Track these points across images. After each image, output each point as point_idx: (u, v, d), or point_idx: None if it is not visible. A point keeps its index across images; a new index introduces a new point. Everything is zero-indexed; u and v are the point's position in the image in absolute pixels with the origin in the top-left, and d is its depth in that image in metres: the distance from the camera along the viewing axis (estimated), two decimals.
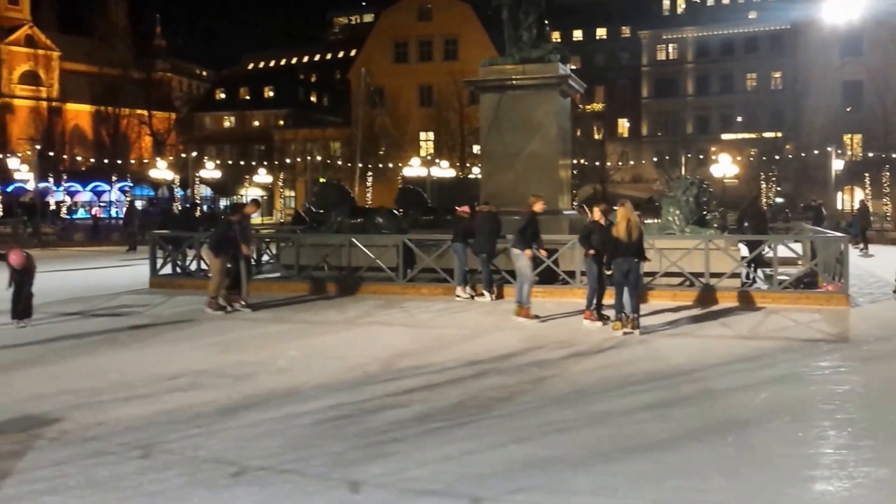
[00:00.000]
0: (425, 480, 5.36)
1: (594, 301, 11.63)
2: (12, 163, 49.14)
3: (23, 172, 51.11)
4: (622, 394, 7.73)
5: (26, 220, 37.19)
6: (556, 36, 41.58)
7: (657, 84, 72.51)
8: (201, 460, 5.82)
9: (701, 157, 62.51)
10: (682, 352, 9.80)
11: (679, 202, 15.65)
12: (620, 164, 68.03)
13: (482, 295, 14.30)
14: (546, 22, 18.15)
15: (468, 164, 58.20)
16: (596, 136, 69.46)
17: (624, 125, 74.10)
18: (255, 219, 65.53)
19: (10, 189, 57.92)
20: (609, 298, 11.49)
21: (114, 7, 74.86)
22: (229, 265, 13.50)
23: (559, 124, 17.47)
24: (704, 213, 15.88)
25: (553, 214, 16.86)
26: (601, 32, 75.46)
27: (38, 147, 50.03)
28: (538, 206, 12.80)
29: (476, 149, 55.38)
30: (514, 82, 17.24)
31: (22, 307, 11.77)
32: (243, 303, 13.58)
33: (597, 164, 62.74)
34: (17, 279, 11.72)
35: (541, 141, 17.11)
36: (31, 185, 51.93)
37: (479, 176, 20.05)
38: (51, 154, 59.49)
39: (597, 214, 11.92)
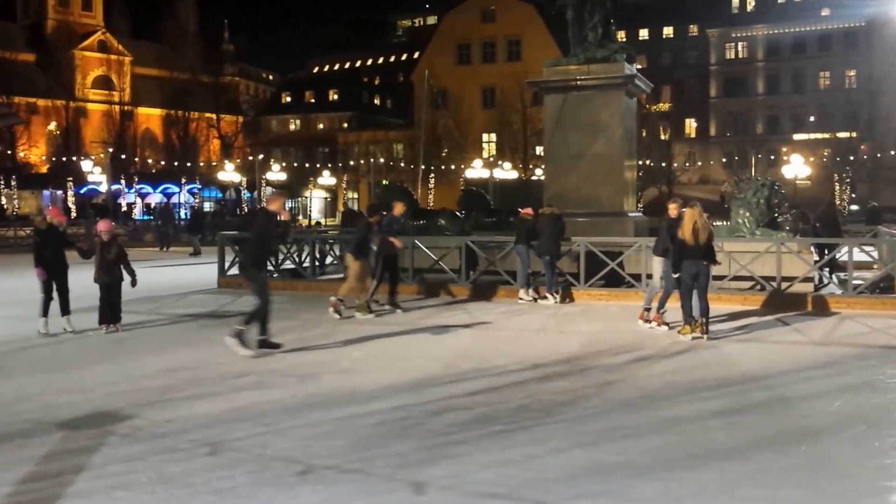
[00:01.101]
0: (489, 483, 5.33)
1: (664, 304, 11.41)
2: (86, 165, 50.78)
3: (96, 175, 52.76)
4: (690, 400, 7.56)
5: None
6: (621, 35, 41.02)
7: (726, 83, 71.14)
8: (268, 458, 5.89)
9: (772, 157, 61.09)
10: (752, 358, 9.56)
11: (749, 204, 15.30)
12: (688, 165, 66.91)
13: (545, 298, 14.19)
14: (612, 21, 17.95)
15: (531, 166, 57.97)
16: (662, 137, 68.46)
17: (691, 125, 72.88)
18: (319, 220, 66.95)
19: (83, 191, 59.82)
20: (673, 303, 11.27)
21: (184, 13, 76.70)
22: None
23: (625, 125, 17.25)
24: (776, 215, 15.49)
25: (618, 216, 16.67)
26: (668, 31, 74.35)
27: (110, 150, 51.56)
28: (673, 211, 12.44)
29: (539, 150, 55.09)
30: (578, 82, 17.09)
31: (113, 311, 11.60)
32: (391, 304, 13.41)
33: (663, 165, 61.84)
34: (105, 282, 11.49)
35: (606, 142, 16.92)
36: (103, 187, 53.61)
37: (543, 177, 19.90)
38: (122, 157, 61.31)
39: (673, 211, 11.52)
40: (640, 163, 37.48)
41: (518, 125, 60.03)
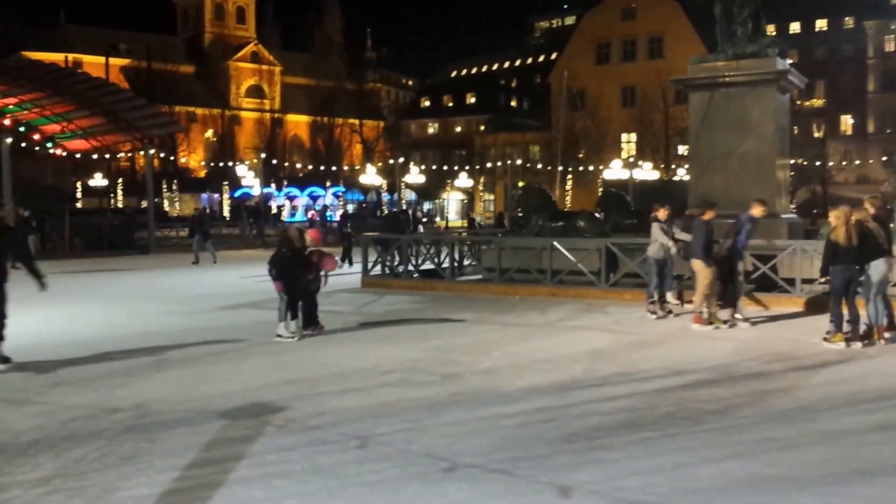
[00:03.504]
0: (636, 491, 5.21)
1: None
2: (240, 170, 53.49)
3: (249, 178, 55.53)
4: (851, 412, 7.14)
5: (252, 223, 40.22)
6: (771, 29, 39.20)
7: (885, 77, 66.71)
8: (414, 454, 6.00)
9: None
10: None
11: None
12: (844, 163, 63.22)
13: (692, 301, 13.73)
14: (761, 15, 17.23)
15: (673, 166, 56.40)
16: (816, 135, 64.95)
17: (847, 122, 68.80)
18: (455, 221, 67.80)
19: (237, 194, 63.00)
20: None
21: (330, 24, 79.58)
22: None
23: (776, 122, 16.51)
24: None
25: (770, 218, 15.96)
26: (821, 24, 70.55)
27: (262, 155, 54.06)
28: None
29: (682, 150, 53.56)
30: (727, 79, 16.48)
31: (311, 314, 11.57)
32: (738, 315, 12.10)
33: (817, 164, 58.65)
34: (315, 287, 11.55)
35: (756, 140, 16.24)
36: (255, 191, 56.30)
37: (687, 178, 19.32)
38: (273, 161, 64.19)
39: (863, 213, 10.61)
40: (793, 162, 35.70)
41: (659, 124, 58.56)
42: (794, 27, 68.99)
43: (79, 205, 45.24)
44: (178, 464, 5.80)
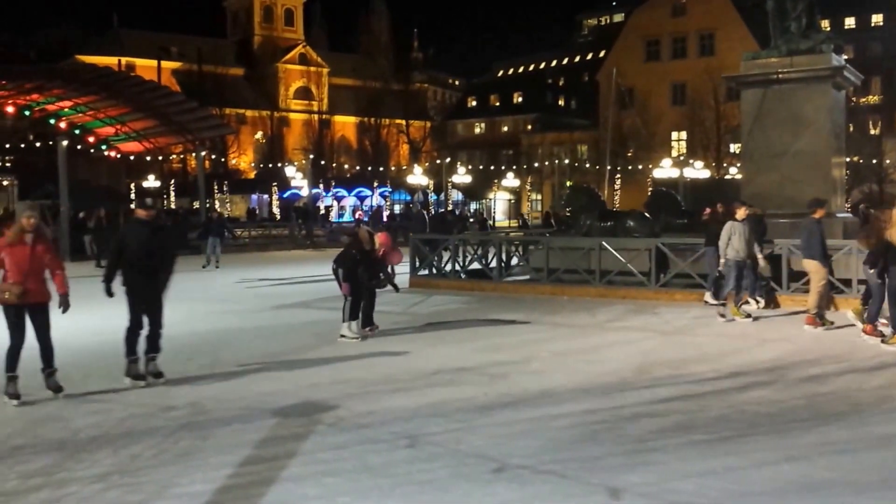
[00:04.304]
0: (689, 494, 5.16)
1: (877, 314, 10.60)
2: (289, 171, 54.08)
3: (297, 179, 56.08)
4: None
5: (301, 224, 40.64)
6: (825, 24, 38.34)
7: None
8: (464, 454, 6.01)
9: None
10: None
11: None
12: None
13: (747, 303, 13.50)
14: (816, 10, 16.90)
15: (724, 165, 55.51)
16: (872, 132, 63.30)
17: None
18: (502, 221, 67.79)
19: (286, 195, 63.70)
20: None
21: (377, 25, 79.95)
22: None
23: (832, 119, 16.17)
24: None
25: (826, 217, 15.65)
26: (877, 18, 68.77)
27: (310, 156, 54.61)
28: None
29: (734, 148, 52.70)
30: (780, 76, 16.20)
31: (368, 314, 11.63)
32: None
33: (873, 161, 57.17)
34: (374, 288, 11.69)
35: (811, 138, 15.93)
36: (304, 191, 56.85)
37: (739, 176, 19.02)
38: (321, 162, 64.77)
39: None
40: (848, 160, 34.92)
41: (711, 122, 57.62)
42: (850, 22, 67.39)
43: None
44: (232, 461, 5.91)
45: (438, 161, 67.68)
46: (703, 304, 14.03)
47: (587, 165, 62.56)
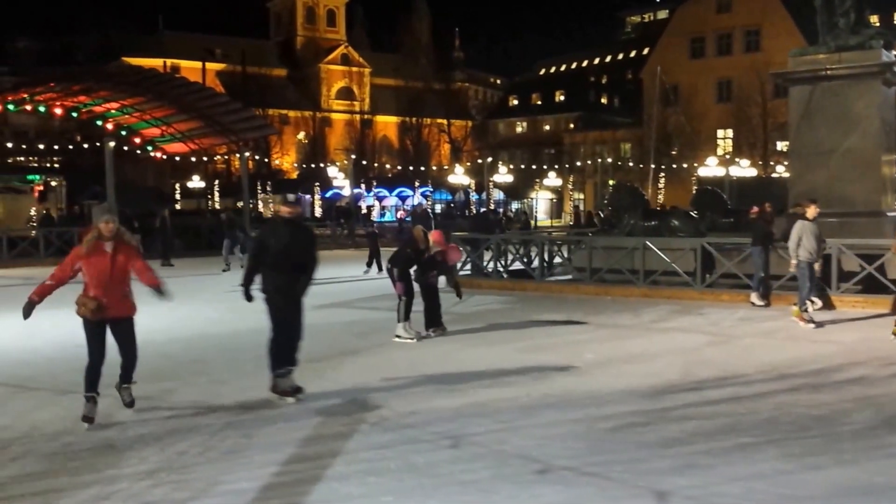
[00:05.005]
0: (737, 497, 5.08)
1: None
2: (331, 171, 54.47)
3: (339, 179, 56.50)
4: None
5: (343, 224, 40.91)
6: (874, 20, 37.32)
7: None
8: (507, 455, 5.99)
9: None
10: None
11: None
12: None
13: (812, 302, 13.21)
14: (865, 5, 16.54)
15: (771, 163, 54.58)
16: None
17: None
18: (544, 221, 67.55)
19: (328, 195, 64.21)
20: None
21: (418, 25, 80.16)
22: None
23: (882, 117, 15.80)
24: None
25: (875, 216, 15.33)
26: None
27: (352, 156, 54.94)
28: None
29: (781, 145, 51.82)
30: (828, 72, 15.87)
31: (436, 315, 11.60)
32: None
33: None
34: (428, 290, 11.58)
35: (860, 136, 15.58)
36: (346, 191, 57.23)
37: (786, 175, 18.70)
38: (363, 162, 65.13)
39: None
40: None
41: (757, 119, 56.68)
42: None
43: (177, 206, 46.92)
44: (277, 459, 5.96)
45: (480, 160, 67.59)
46: (749, 304, 13.85)
47: (630, 164, 62.00)
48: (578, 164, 66.48)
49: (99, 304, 6.75)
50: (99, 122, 32.86)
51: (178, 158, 39.90)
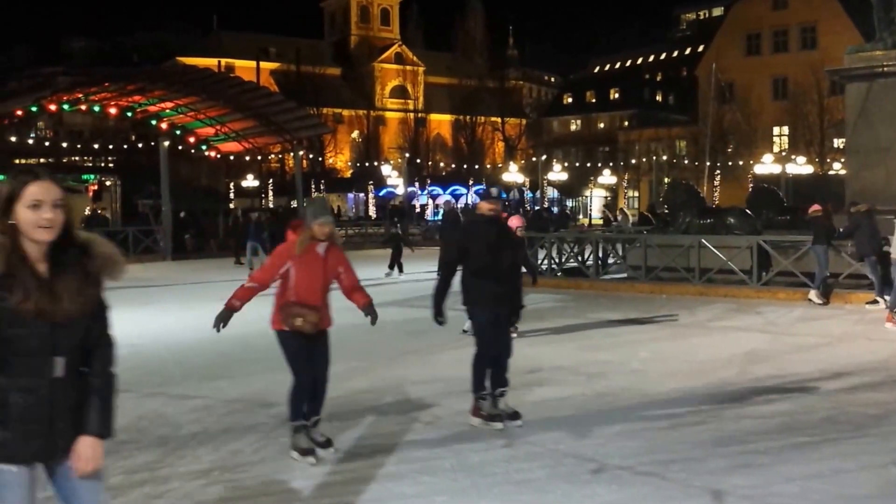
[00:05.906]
0: (794, 497, 5.04)
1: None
2: (385, 169, 54.81)
3: (393, 178, 56.84)
4: None
5: (397, 222, 41.19)
6: None
7: None
8: (561, 454, 6.01)
9: None
10: None
11: None
12: None
13: (876, 302, 12.96)
14: None
15: (828, 160, 53.35)
16: None
17: None
18: (598, 220, 66.99)
19: (382, 193, 64.66)
20: None
21: (472, 23, 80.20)
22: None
23: None
24: None
25: None
26: None
27: (406, 155, 55.24)
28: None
29: (837, 143, 50.64)
30: (885, 69, 15.57)
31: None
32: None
33: None
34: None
35: None
36: (399, 190, 57.60)
37: (843, 172, 18.34)
38: (416, 161, 65.42)
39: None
40: None
41: (813, 117, 55.47)
42: None
43: (232, 205, 47.71)
44: (331, 458, 5.99)
45: (534, 158, 67.39)
46: (807, 302, 13.63)
47: (685, 161, 61.20)
48: (633, 161, 65.80)
49: (319, 316, 5.97)
50: (153, 122, 33.42)
51: (232, 158, 40.45)
